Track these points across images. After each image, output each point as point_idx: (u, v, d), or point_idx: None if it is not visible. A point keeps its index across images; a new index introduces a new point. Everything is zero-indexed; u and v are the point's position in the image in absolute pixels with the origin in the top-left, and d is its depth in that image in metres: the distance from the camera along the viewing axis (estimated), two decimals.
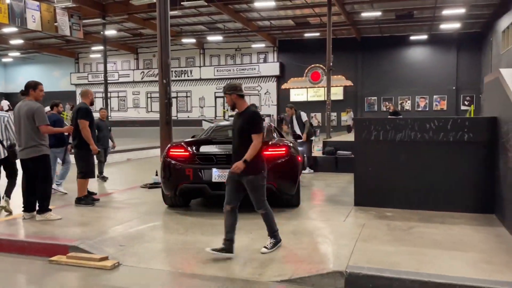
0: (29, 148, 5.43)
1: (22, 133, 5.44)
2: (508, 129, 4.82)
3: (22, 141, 5.44)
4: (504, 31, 23.04)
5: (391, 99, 31.87)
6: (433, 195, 5.81)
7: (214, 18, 29.06)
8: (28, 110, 5.40)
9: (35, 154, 5.42)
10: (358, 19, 28.45)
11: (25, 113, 5.39)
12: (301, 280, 3.75)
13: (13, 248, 4.75)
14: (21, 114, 5.42)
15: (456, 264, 3.83)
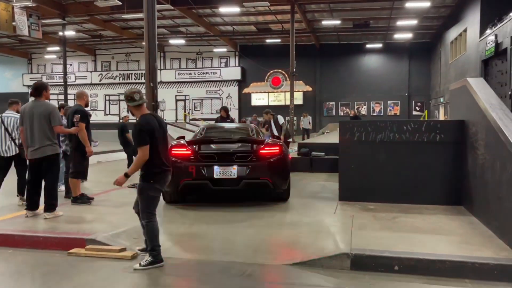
0: (45, 147, 5.60)
1: (36, 132, 5.57)
2: (477, 130, 5.56)
3: (36, 141, 5.56)
4: (452, 42, 24.79)
5: (348, 104, 33.24)
6: (410, 190, 6.48)
7: (176, 22, 29.14)
8: (45, 110, 5.57)
9: (51, 152, 5.61)
10: (317, 26, 29.53)
11: (42, 113, 5.56)
12: (312, 262, 4.23)
13: (27, 243, 4.90)
14: (36, 114, 5.56)
15: (441, 245, 4.45)
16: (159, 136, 4.29)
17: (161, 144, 4.32)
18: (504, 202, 4.50)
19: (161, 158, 4.30)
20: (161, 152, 4.30)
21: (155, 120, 4.38)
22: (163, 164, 4.33)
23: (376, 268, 4.10)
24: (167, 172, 4.40)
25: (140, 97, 4.37)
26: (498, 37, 16.07)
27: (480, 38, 19.00)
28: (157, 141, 4.26)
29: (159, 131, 4.32)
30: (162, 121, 4.52)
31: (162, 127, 4.45)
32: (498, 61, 16.60)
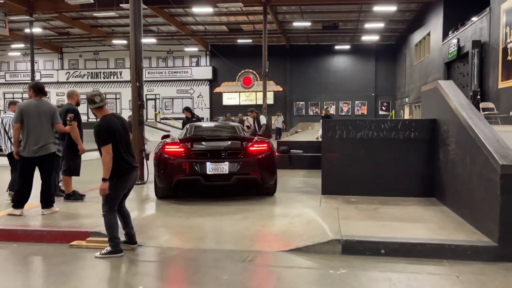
0: (49, 145, 5.82)
1: (43, 130, 5.75)
2: (448, 128, 6.12)
3: (42, 138, 5.72)
4: (417, 45, 25.94)
5: (318, 104, 34.07)
6: (387, 184, 6.99)
7: (148, 21, 29.01)
8: (50, 109, 5.77)
9: (54, 149, 5.81)
10: (288, 28, 30.14)
11: (47, 112, 5.76)
12: (306, 248, 4.64)
13: (30, 237, 5.07)
14: (42, 112, 5.72)
15: (420, 231, 4.95)
16: (120, 136, 4.54)
17: (123, 144, 4.56)
18: (474, 192, 5.04)
19: (123, 157, 4.53)
20: (123, 151, 4.52)
21: (116, 120, 4.61)
22: (125, 162, 4.55)
23: (364, 252, 4.54)
24: (130, 170, 4.62)
25: (101, 99, 4.62)
26: (460, 41, 17.05)
27: (443, 41, 20.07)
28: (119, 141, 4.50)
29: (120, 131, 4.55)
30: (125, 121, 4.76)
31: (125, 127, 4.69)
32: (460, 63, 17.63)
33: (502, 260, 4.26)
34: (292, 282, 3.85)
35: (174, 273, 4.36)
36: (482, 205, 4.76)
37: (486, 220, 4.60)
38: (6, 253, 4.82)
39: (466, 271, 4.07)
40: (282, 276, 4.00)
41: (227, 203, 6.76)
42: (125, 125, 4.72)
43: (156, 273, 4.29)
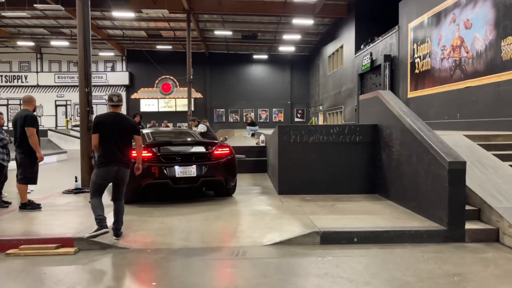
0: None
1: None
2: (391, 132, 7.02)
3: None
4: (330, 57, 27.89)
5: (237, 111, 34.87)
6: (336, 183, 7.74)
7: (60, 22, 27.57)
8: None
9: None
10: (208, 36, 30.57)
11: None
12: (288, 241, 5.10)
13: (6, 247, 4.87)
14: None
15: (379, 221, 5.68)
16: (107, 131, 5.09)
17: (109, 139, 5.08)
18: (421, 186, 5.92)
19: (105, 150, 5.08)
20: (107, 145, 5.08)
21: (111, 117, 5.22)
22: (104, 156, 5.09)
23: (340, 241, 5.13)
24: (109, 165, 5.08)
25: (118, 100, 5.34)
26: (372, 55, 18.85)
27: (356, 54, 21.93)
28: (104, 135, 5.08)
29: (109, 127, 5.11)
30: (124, 122, 5.25)
31: (119, 126, 5.18)
32: (372, 75, 19.46)
33: (452, 240, 5.12)
34: (290, 270, 4.29)
35: (177, 271, 4.53)
36: (430, 197, 5.62)
37: (435, 209, 5.46)
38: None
39: (427, 250, 4.84)
40: (279, 266, 4.41)
41: (194, 205, 7.01)
42: (122, 124, 5.21)
43: (158, 273, 4.43)
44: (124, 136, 5.20)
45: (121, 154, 5.14)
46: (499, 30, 10.31)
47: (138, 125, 5.77)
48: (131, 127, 5.29)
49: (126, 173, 5.25)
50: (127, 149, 5.25)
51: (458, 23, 12.21)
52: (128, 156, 5.27)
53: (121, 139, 5.15)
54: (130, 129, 5.27)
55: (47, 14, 25.74)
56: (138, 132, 5.41)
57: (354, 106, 21.44)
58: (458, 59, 12.22)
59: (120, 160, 5.13)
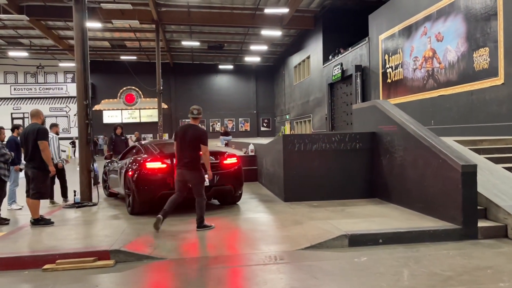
0: None
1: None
2: (392, 139, 7.46)
3: None
4: (296, 67, 28.60)
5: (204, 121, 34.81)
6: (338, 188, 8.08)
7: (19, 33, 26.62)
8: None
9: None
10: (173, 46, 30.49)
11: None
12: (319, 244, 5.33)
13: (40, 263, 4.78)
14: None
15: (394, 222, 6.04)
16: (179, 139, 6.11)
17: (181, 146, 6.07)
18: (429, 188, 6.35)
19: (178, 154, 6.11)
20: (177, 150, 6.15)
21: (183, 129, 6.20)
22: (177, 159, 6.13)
23: (366, 243, 5.42)
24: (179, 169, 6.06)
25: (198, 113, 6.34)
26: (343, 65, 19.59)
27: (324, 64, 22.67)
28: (178, 143, 6.11)
29: (180, 136, 6.12)
30: (193, 132, 6.10)
31: (189, 135, 6.07)
32: (343, 84, 20.19)
33: (466, 238, 5.55)
34: (336, 271, 4.52)
35: (227, 278, 4.62)
36: (441, 198, 6.05)
37: (447, 209, 5.89)
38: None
39: (449, 248, 5.24)
40: (322, 268, 4.63)
41: (206, 214, 7.09)
42: (191, 134, 6.05)
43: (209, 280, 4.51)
44: (187, 144, 6.00)
45: (188, 159, 5.97)
46: (471, 43, 11.15)
47: (205, 134, 6.22)
48: (197, 136, 6.02)
49: (193, 174, 6.06)
50: (194, 155, 6.01)
51: (429, 35, 13.05)
52: (194, 160, 6.04)
53: (186, 147, 6.00)
54: (196, 138, 6.01)
55: (6, 24, 24.78)
56: (204, 142, 6.08)
57: (325, 114, 22.11)
58: (431, 70, 13.04)
59: (186, 164, 5.98)
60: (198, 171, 6.07)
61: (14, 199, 8.75)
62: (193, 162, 6.01)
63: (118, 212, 7.53)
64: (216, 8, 22.68)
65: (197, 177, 6.07)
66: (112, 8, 19.64)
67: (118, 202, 8.67)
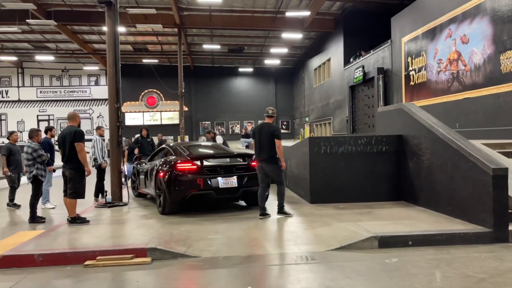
0: None
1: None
2: (419, 142, 7.48)
3: None
4: (316, 69, 28.60)
5: (223, 123, 35.11)
6: (364, 191, 8.13)
7: (46, 37, 27.28)
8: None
9: None
10: (194, 49, 30.84)
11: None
12: (349, 246, 5.42)
13: (81, 259, 4.98)
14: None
15: (423, 225, 6.08)
16: (257, 136, 7.09)
17: (258, 142, 7.02)
18: (458, 192, 6.36)
19: (257, 149, 7.06)
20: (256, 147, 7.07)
21: (260, 126, 7.19)
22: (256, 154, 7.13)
23: (396, 245, 5.48)
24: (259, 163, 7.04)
25: (273, 112, 7.31)
26: (365, 68, 19.53)
27: (345, 67, 22.63)
28: (256, 138, 7.09)
29: (258, 134, 7.11)
30: (267, 129, 7.03)
31: (265, 132, 7.01)
32: (364, 87, 20.12)
33: (497, 241, 5.55)
34: (368, 271, 4.60)
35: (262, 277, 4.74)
36: (470, 201, 6.06)
37: (477, 212, 5.90)
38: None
39: (480, 251, 5.26)
40: (354, 268, 4.71)
41: (234, 215, 7.34)
42: (266, 131, 6.97)
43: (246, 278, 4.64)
44: (263, 140, 6.89)
45: (265, 153, 6.85)
46: (497, 45, 11.05)
47: (278, 130, 7.13)
48: (271, 132, 6.90)
49: (271, 167, 6.92)
50: (271, 149, 6.84)
51: (454, 38, 12.97)
52: (271, 154, 6.86)
53: (262, 142, 6.88)
54: (271, 134, 6.87)
55: (33, 29, 25.45)
56: (277, 136, 6.90)
57: (345, 117, 22.07)
58: (455, 72, 12.95)
59: (264, 158, 6.86)
60: (275, 163, 6.92)
61: (47, 198, 9.06)
62: (270, 155, 6.87)
63: (148, 212, 7.73)
64: (237, 11, 22.88)
65: (275, 168, 6.92)
66: (137, 12, 20.05)
67: (148, 202, 8.89)
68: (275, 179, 6.99)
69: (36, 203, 7.64)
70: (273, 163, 6.93)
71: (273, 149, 6.90)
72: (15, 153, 9.31)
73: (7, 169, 9.10)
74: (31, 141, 7.83)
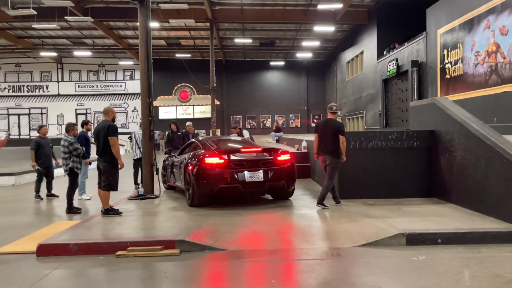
0: None
1: None
2: (452, 137, 7.29)
3: None
4: (349, 62, 28.19)
5: (254, 117, 35.22)
6: (394, 187, 8.01)
7: (83, 33, 28.10)
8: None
9: None
10: (226, 44, 31.00)
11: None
12: (376, 242, 5.38)
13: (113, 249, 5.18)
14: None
15: (454, 223, 5.94)
16: (319, 131, 7.43)
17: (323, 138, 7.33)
18: (491, 189, 6.17)
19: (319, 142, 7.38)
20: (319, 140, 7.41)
21: (325, 122, 7.51)
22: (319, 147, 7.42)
23: (424, 242, 5.39)
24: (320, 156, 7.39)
25: (336, 109, 7.62)
26: (398, 61, 19.12)
27: (378, 60, 22.20)
28: (319, 133, 7.39)
29: (321, 129, 7.41)
30: (333, 125, 7.34)
31: (328, 128, 7.32)
32: (398, 80, 19.71)
33: None
34: (395, 269, 4.57)
35: (286, 271, 4.80)
36: (504, 199, 5.87)
37: None
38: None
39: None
40: (380, 265, 4.69)
41: (261, 208, 7.42)
42: (330, 127, 7.30)
43: (270, 272, 4.71)
44: (328, 135, 7.20)
45: (329, 147, 7.15)
46: None
47: (342, 127, 7.53)
48: (336, 128, 7.22)
49: (332, 160, 7.19)
50: (334, 144, 7.15)
51: (493, 29, 12.49)
52: (335, 148, 7.17)
53: (327, 137, 7.19)
54: (336, 130, 7.19)
55: (71, 25, 26.26)
56: (343, 133, 7.23)
57: (378, 111, 21.71)
58: (494, 65, 12.49)
59: (325, 151, 7.17)
60: (336, 157, 7.22)
61: (84, 190, 9.41)
62: (333, 149, 7.18)
63: (178, 204, 7.91)
64: (268, 5, 22.83)
65: (334, 162, 7.21)
66: (169, 8, 20.37)
67: (178, 195, 9.08)
68: (329, 171, 7.22)
69: (73, 195, 7.96)
70: (334, 157, 7.22)
71: (336, 144, 7.19)
72: (44, 146, 9.70)
73: (35, 163, 9.49)
74: (67, 135, 8.14)
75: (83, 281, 4.46)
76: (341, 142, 7.21)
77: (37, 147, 9.62)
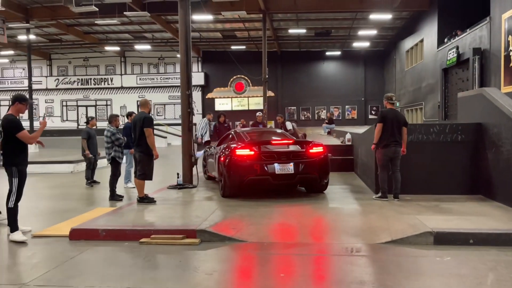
0: None
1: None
2: (499, 131, 6.77)
3: None
4: (408, 51, 26.96)
5: (309, 108, 34.84)
6: (435, 182, 7.59)
7: (143, 28, 29.18)
8: None
9: None
10: (281, 34, 30.81)
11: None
12: (401, 240, 5.15)
13: (138, 236, 5.40)
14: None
15: (493, 223, 5.54)
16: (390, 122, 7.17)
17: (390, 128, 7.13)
18: None
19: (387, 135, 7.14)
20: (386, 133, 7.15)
21: (392, 113, 7.31)
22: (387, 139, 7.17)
23: (454, 242, 5.08)
24: (389, 145, 7.16)
25: (395, 99, 7.60)
26: (459, 48, 17.99)
27: (438, 48, 21.03)
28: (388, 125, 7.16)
29: (390, 119, 7.18)
30: (401, 117, 7.36)
31: (398, 118, 7.28)
32: (458, 69, 18.57)
33: None
34: (413, 269, 4.36)
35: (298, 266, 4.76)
36: None
37: None
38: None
39: None
40: (399, 264, 4.49)
41: (292, 201, 7.38)
42: (400, 118, 7.30)
43: (282, 265, 4.69)
44: (399, 126, 7.14)
45: (400, 139, 7.14)
46: None
47: (406, 119, 7.62)
48: (404, 120, 7.28)
49: (400, 152, 7.18)
50: (400, 135, 7.14)
51: None
52: (400, 139, 7.17)
53: (397, 127, 7.10)
54: (404, 121, 7.25)
55: (132, 20, 27.38)
56: (406, 124, 7.25)
57: (437, 102, 20.62)
58: None
59: (397, 142, 7.10)
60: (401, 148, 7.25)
61: (129, 178, 9.86)
62: (401, 141, 7.20)
63: (212, 194, 8.07)
64: None
65: (400, 153, 7.24)
66: (223, 0, 20.59)
67: (215, 185, 9.25)
68: (397, 163, 7.23)
69: (115, 183, 8.37)
70: (401, 147, 7.25)
71: (401, 136, 7.23)
72: (93, 137, 10.41)
73: (88, 151, 10.13)
74: (110, 126, 8.56)
75: (102, 264, 4.70)
76: (404, 133, 7.24)
77: (88, 137, 10.28)
